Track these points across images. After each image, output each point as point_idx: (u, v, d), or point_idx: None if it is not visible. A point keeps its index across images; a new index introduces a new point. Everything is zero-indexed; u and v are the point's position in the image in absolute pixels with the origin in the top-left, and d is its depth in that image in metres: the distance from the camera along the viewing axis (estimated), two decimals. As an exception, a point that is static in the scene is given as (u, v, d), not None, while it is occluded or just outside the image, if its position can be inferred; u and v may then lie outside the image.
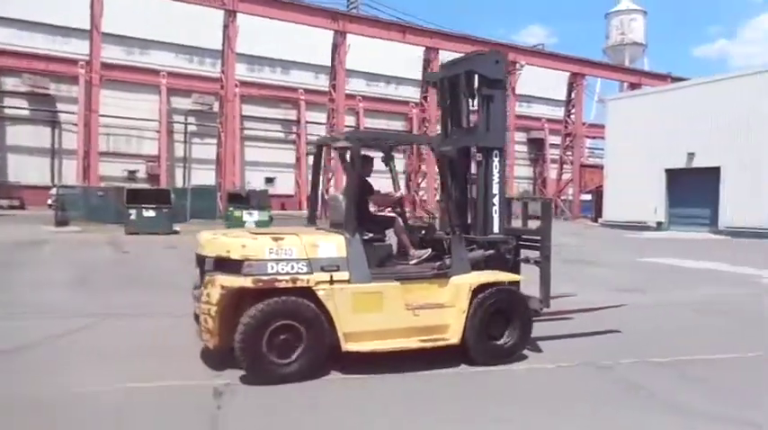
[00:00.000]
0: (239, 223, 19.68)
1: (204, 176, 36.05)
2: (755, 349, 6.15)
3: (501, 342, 5.22)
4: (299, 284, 4.55)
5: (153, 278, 10.33)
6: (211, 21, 31.34)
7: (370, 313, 4.75)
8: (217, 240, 4.82)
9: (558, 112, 46.08)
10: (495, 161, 5.56)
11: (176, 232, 19.78)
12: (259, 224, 19.78)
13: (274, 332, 4.46)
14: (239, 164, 36.87)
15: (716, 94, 29.66)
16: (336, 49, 32.74)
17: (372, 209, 5.65)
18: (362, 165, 5.26)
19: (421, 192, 36.62)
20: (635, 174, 32.90)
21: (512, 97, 38.96)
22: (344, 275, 4.69)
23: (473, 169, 5.83)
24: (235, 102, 32.83)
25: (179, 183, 37.37)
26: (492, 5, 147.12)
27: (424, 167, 36.29)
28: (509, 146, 37.78)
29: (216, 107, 34.67)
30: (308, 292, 4.58)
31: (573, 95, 41.84)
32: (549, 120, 50.71)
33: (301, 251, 4.61)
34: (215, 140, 33.39)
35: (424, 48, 35.24)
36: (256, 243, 4.59)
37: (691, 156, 30.34)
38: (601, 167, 37.99)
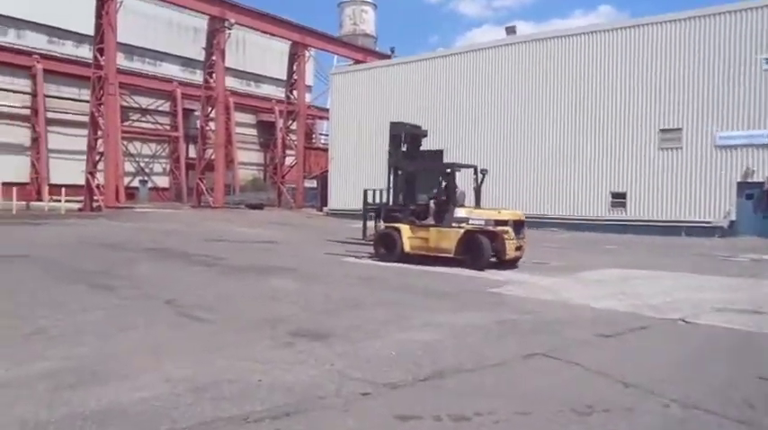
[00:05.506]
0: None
1: None
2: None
3: None
4: None
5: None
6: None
7: None
8: (516, 212, 11.63)
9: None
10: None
11: None
12: None
13: None
14: None
15: (441, 68, 27.25)
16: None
17: None
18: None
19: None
20: (361, 156, 28.94)
21: (219, 61, 32.04)
22: None
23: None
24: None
25: None
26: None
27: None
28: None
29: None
30: None
31: (295, 68, 36.49)
32: (281, 102, 45.16)
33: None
34: None
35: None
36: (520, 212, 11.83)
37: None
38: (327, 150, 33.60)
